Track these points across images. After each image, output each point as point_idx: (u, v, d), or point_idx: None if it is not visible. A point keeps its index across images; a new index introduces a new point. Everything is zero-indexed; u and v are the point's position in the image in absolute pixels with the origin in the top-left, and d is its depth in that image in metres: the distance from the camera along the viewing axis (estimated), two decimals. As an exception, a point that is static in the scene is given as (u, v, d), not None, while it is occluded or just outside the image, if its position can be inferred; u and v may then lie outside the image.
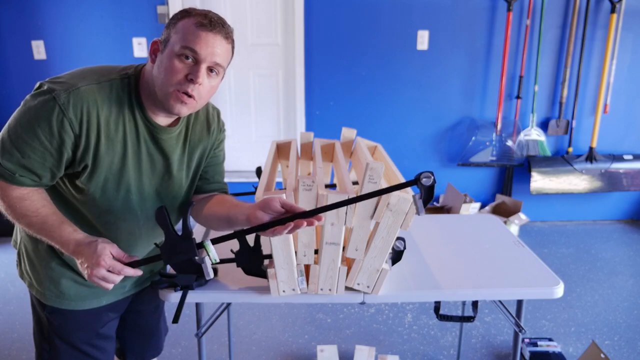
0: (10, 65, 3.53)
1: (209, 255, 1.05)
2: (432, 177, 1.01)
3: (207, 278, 1.08)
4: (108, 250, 1.02)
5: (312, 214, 0.98)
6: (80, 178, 1.09)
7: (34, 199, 1.07)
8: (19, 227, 1.21)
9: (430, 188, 1.02)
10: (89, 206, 1.14)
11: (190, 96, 1.05)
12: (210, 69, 1.07)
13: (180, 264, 1.06)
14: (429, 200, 1.03)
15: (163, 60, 1.05)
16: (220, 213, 1.19)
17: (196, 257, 1.04)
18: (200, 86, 1.06)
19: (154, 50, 1.09)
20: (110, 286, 1.04)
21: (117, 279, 1.04)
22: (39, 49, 3.47)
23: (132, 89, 1.10)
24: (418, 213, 1.05)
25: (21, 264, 1.25)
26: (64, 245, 1.06)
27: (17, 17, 3.41)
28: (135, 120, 1.11)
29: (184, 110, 1.08)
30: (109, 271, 1.02)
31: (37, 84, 1.05)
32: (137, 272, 1.06)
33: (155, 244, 1.17)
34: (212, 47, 1.04)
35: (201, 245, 1.04)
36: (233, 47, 1.11)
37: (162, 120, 1.14)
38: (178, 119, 1.19)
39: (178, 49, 1.03)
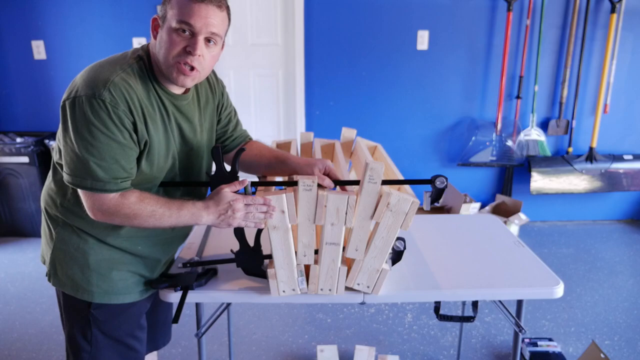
0: (10, 65, 3.53)
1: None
2: (446, 183, 1.17)
3: None
4: (228, 189, 1.17)
5: (343, 184, 1.23)
6: (139, 159, 1.14)
7: (146, 194, 1.14)
8: (52, 233, 1.24)
9: (442, 190, 1.18)
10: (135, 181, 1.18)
11: (192, 68, 1.12)
12: (207, 40, 1.12)
13: None
14: (437, 200, 1.20)
15: (162, 35, 1.11)
16: (266, 158, 1.38)
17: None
18: (201, 57, 1.11)
19: (154, 27, 1.14)
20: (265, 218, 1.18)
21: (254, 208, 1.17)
22: (39, 49, 3.47)
23: (147, 68, 1.16)
24: (424, 208, 1.20)
25: (57, 272, 1.25)
26: (196, 215, 1.15)
27: (17, 17, 3.41)
28: (159, 95, 1.17)
29: (188, 82, 1.14)
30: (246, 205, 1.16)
31: (71, 101, 1.05)
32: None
33: (206, 173, 1.34)
34: (205, 18, 1.08)
35: None
36: (229, 14, 1.15)
37: (176, 89, 1.21)
38: None
39: (175, 24, 1.08)
